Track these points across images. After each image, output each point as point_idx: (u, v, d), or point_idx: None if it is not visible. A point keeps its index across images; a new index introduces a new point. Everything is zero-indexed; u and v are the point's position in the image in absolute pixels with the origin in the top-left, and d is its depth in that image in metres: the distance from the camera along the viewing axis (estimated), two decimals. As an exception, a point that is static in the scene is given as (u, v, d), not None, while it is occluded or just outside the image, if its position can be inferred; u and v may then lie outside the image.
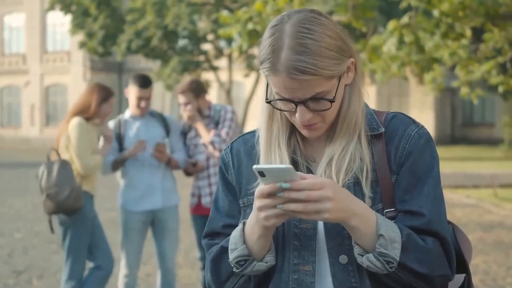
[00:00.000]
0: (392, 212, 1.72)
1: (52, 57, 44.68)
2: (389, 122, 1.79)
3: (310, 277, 1.75)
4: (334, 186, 1.61)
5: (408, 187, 1.73)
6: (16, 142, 43.71)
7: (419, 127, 1.76)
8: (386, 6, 23.32)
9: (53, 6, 32.23)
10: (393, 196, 1.73)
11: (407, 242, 1.64)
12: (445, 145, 36.41)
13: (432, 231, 1.69)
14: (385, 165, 1.74)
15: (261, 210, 1.62)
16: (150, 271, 7.33)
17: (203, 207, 5.44)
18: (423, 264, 1.65)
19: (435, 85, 14.28)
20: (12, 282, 7.10)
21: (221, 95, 38.22)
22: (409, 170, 1.73)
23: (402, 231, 1.65)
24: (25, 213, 12.16)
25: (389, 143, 1.76)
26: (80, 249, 5.05)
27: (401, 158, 1.74)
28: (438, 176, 1.75)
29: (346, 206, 1.62)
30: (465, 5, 11.02)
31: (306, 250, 1.75)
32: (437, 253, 1.68)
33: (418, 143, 1.74)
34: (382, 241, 1.62)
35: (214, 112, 5.47)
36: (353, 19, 10.98)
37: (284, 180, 1.57)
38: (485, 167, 22.01)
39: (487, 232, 10.15)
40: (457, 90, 30.48)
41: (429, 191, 1.72)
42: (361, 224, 1.63)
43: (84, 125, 5.03)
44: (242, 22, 10.94)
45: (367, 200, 1.71)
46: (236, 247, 1.75)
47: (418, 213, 1.70)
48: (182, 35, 30.64)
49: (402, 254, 1.63)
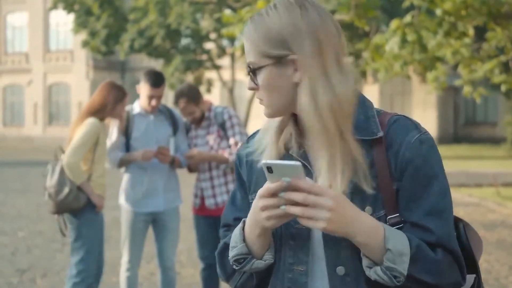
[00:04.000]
0: (395, 218, 1.70)
1: (55, 56, 44.71)
2: (390, 126, 1.73)
3: (304, 277, 1.76)
4: (338, 198, 1.59)
5: (412, 195, 1.69)
6: (19, 141, 43.77)
7: (421, 133, 1.72)
8: (388, 5, 23.30)
9: (56, 5, 32.22)
10: (395, 202, 1.70)
11: (417, 254, 1.63)
12: (447, 144, 36.40)
13: (441, 246, 1.67)
14: (386, 171, 1.70)
15: (264, 209, 1.63)
16: (153, 270, 7.34)
17: (206, 208, 5.45)
18: (432, 275, 1.64)
19: (438, 84, 14.26)
20: (16, 281, 7.12)
21: (224, 94, 38.25)
22: (411, 178, 1.69)
23: (411, 242, 1.63)
24: (28, 212, 12.18)
25: (390, 149, 1.71)
26: (89, 250, 5.03)
27: (402, 165, 1.69)
28: (444, 184, 1.71)
29: (348, 221, 1.60)
30: (468, 4, 11.02)
31: (300, 250, 1.77)
32: (447, 263, 1.66)
33: (419, 150, 1.69)
34: (389, 255, 1.60)
35: (215, 113, 5.47)
36: (356, 18, 10.98)
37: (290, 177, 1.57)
38: (488, 166, 22.00)
39: (489, 231, 10.15)
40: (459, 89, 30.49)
41: (435, 201, 1.68)
42: (368, 239, 1.62)
43: (97, 127, 4.97)
44: (245, 21, 10.94)
45: (367, 207, 1.69)
46: (235, 245, 1.78)
47: (425, 227, 1.67)
48: (184, 34, 30.63)
49: (411, 266, 1.61)
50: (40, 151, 34.66)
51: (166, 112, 5.43)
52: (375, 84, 37.79)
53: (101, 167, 5.10)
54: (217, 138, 5.43)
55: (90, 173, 5.03)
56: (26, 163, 25.20)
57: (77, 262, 5.03)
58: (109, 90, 5.06)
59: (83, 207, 4.97)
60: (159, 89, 5.22)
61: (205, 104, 5.49)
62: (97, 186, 5.07)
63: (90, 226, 5.03)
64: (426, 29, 11.74)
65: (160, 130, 5.35)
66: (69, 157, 4.90)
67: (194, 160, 5.36)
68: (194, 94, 5.38)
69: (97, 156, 5.05)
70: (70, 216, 5.03)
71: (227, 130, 5.41)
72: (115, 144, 5.29)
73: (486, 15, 11.45)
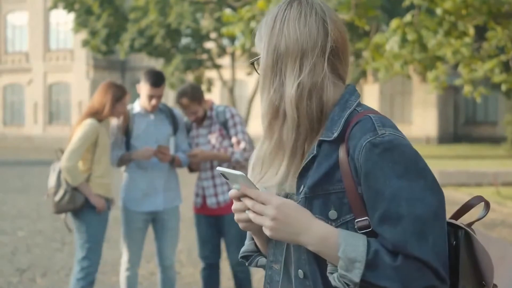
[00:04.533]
0: (364, 222, 1.63)
1: (55, 55, 44.72)
2: (353, 127, 1.67)
3: (277, 275, 1.80)
4: (281, 207, 1.61)
5: (368, 201, 1.63)
6: (19, 140, 43.79)
7: (376, 135, 1.62)
8: (389, 5, 23.29)
9: (56, 4, 32.23)
10: (363, 205, 1.64)
11: (374, 260, 1.57)
12: (447, 143, 36.41)
13: (400, 252, 1.58)
14: (349, 175, 1.64)
15: (234, 211, 1.71)
16: (153, 269, 7.34)
17: (208, 207, 5.45)
18: (394, 281, 1.56)
19: (438, 84, 14.26)
20: (16, 280, 7.12)
21: (224, 93, 38.24)
22: (364, 183, 1.62)
23: (369, 248, 1.58)
24: (28, 212, 12.17)
25: (350, 152, 1.65)
26: (92, 248, 5.06)
27: (358, 169, 1.63)
28: (402, 192, 1.59)
29: (293, 230, 1.62)
30: (468, 3, 11.01)
31: (277, 249, 1.80)
32: (412, 268, 1.56)
33: (370, 154, 1.61)
34: (341, 263, 1.58)
35: (216, 112, 5.47)
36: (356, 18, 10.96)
37: (239, 184, 1.66)
38: (488, 165, 21.98)
39: (489, 230, 10.14)
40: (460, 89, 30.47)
41: (388, 207, 1.59)
42: (319, 247, 1.62)
43: (95, 127, 4.99)
44: (245, 21, 10.95)
45: (331, 211, 1.66)
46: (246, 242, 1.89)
47: (382, 236, 1.60)
48: (185, 34, 30.64)
49: (369, 272, 1.56)
50: (40, 150, 34.68)
51: (166, 111, 5.43)
52: (375, 84, 37.80)
53: (102, 167, 5.11)
54: (219, 137, 5.42)
55: (90, 174, 5.04)
56: (26, 163, 25.20)
57: (80, 259, 5.09)
58: (106, 90, 5.07)
59: (82, 208, 4.99)
60: (159, 89, 5.22)
61: (207, 103, 5.49)
62: (97, 186, 5.07)
63: (90, 226, 5.06)
64: (426, 28, 11.73)
65: (160, 129, 5.35)
66: (65, 160, 4.94)
67: (197, 159, 5.35)
68: (197, 93, 5.38)
69: (97, 156, 5.06)
70: (72, 215, 5.07)
71: (229, 129, 5.41)
72: (116, 143, 5.29)
73: (486, 15, 11.44)
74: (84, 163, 5.05)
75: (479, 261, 1.66)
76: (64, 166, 4.93)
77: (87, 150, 5.01)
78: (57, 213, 5.07)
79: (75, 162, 4.94)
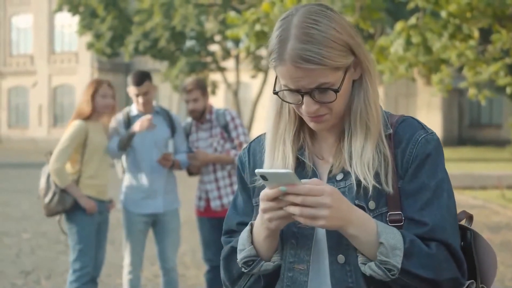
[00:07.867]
0: (396, 216, 1.71)
1: (60, 58, 44.79)
2: (398, 125, 1.77)
3: (304, 276, 1.77)
4: (334, 194, 1.61)
5: (411, 192, 1.71)
6: (24, 142, 43.83)
7: (427, 133, 1.75)
8: (393, 7, 23.28)
9: (60, 7, 32.31)
10: (399, 200, 1.72)
11: (410, 248, 1.64)
12: (452, 146, 36.34)
13: (435, 239, 1.68)
14: (393, 168, 1.73)
15: (265, 212, 1.65)
16: (157, 272, 7.31)
17: (212, 210, 5.45)
18: (428, 269, 1.64)
19: (443, 86, 14.24)
20: (20, 282, 7.12)
21: (228, 96, 38.25)
22: (413, 175, 1.72)
23: (405, 238, 1.65)
24: (32, 214, 12.18)
25: (397, 147, 1.74)
26: (83, 250, 5.06)
27: (408, 163, 1.73)
28: (444, 184, 1.73)
29: (344, 215, 1.62)
30: (473, 6, 11.01)
31: (302, 249, 1.77)
32: (442, 258, 1.67)
33: (425, 148, 1.73)
34: (382, 249, 1.62)
35: (216, 115, 5.49)
36: (361, 20, 10.97)
37: (285, 184, 1.60)
38: (492, 168, 21.96)
39: (494, 233, 10.13)
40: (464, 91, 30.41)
41: (433, 197, 1.70)
42: (360, 232, 1.64)
43: (81, 128, 5.02)
44: (250, 23, 10.96)
45: (370, 202, 1.71)
46: (244, 247, 1.79)
47: (421, 222, 1.69)
48: (189, 36, 30.68)
49: (405, 261, 1.63)
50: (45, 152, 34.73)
51: (163, 113, 5.48)
52: (380, 86, 37.69)
53: (92, 168, 5.11)
54: (221, 140, 5.43)
55: (79, 175, 5.05)
56: (31, 165, 25.21)
57: (72, 261, 5.11)
58: (87, 89, 5.14)
59: (72, 209, 5.00)
60: (142, 87, 5.26)
61: (208, 105, 5.52)
62: (87, 187, 5.08)
63: (81, 228, 5.07)
64: (431, 31, 11.73)
65: (158, 131, 5.37)
66: (52, 162, 4.98)
67: (198, 161, 5.36)
68: (202, 83, 5.50)
69: (87, 157, 5.06)
70: (64, 217, 5.10)
71: (230, 132, 5.42)
72: (112, 133, 5.30)
73: (491, 17, 11.44)
74: (73, 165, 5.07)
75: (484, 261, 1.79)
76: (51, 169, 4.97)
77: (75, 151, 5.03)
78: (48, 215, 5.11)
79: (61, 164, 4.97)
